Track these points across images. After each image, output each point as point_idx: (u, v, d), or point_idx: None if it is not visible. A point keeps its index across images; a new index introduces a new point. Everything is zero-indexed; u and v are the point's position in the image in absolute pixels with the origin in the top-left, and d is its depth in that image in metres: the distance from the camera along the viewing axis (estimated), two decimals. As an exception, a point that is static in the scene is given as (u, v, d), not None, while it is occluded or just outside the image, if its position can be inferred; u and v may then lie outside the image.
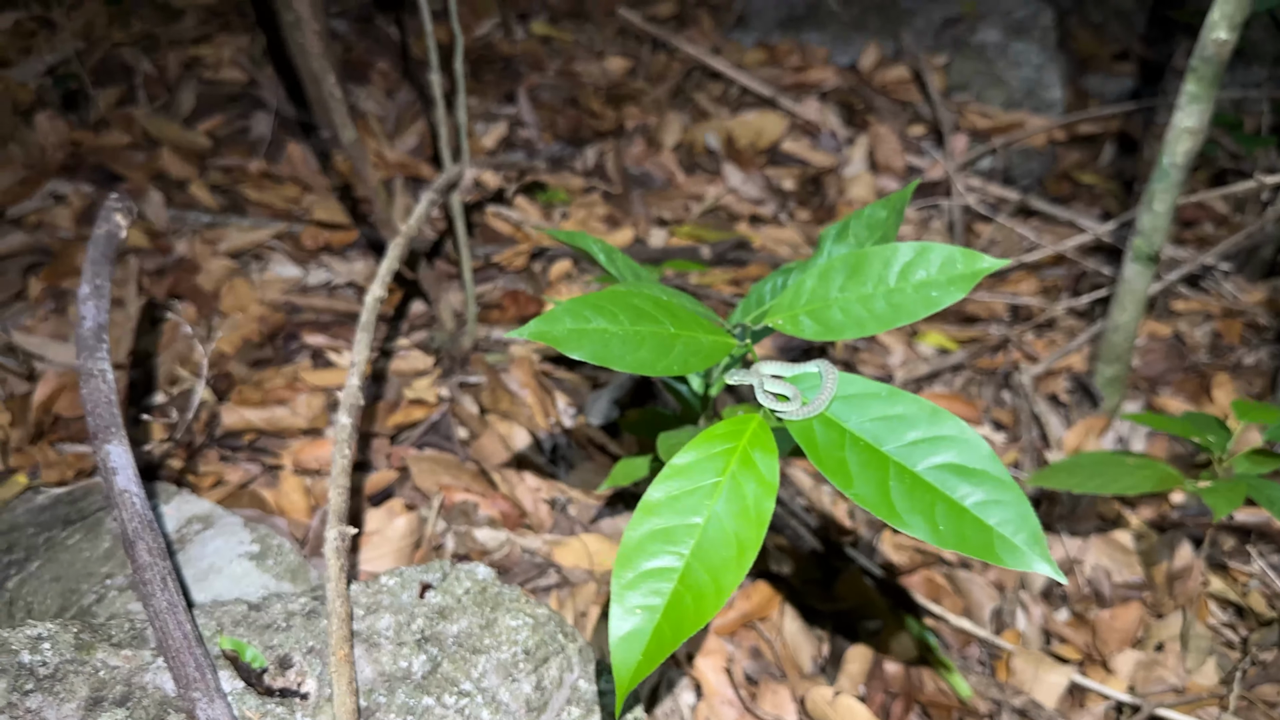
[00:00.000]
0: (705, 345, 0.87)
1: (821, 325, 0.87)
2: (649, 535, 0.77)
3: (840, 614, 1.37)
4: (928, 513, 0.77)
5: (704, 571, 0.76)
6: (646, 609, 0.75)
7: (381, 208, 1.53)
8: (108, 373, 0.94)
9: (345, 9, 2.74)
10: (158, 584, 0.81)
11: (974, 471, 0.78)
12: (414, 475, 1.50)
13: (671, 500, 0.79)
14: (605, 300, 0.83)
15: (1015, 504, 0.76)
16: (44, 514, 1.24)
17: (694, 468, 0.80)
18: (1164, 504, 1.53)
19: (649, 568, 0.76)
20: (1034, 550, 0.75)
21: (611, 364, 0.80)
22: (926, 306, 0.84)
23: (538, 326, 0.80)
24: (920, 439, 0.80)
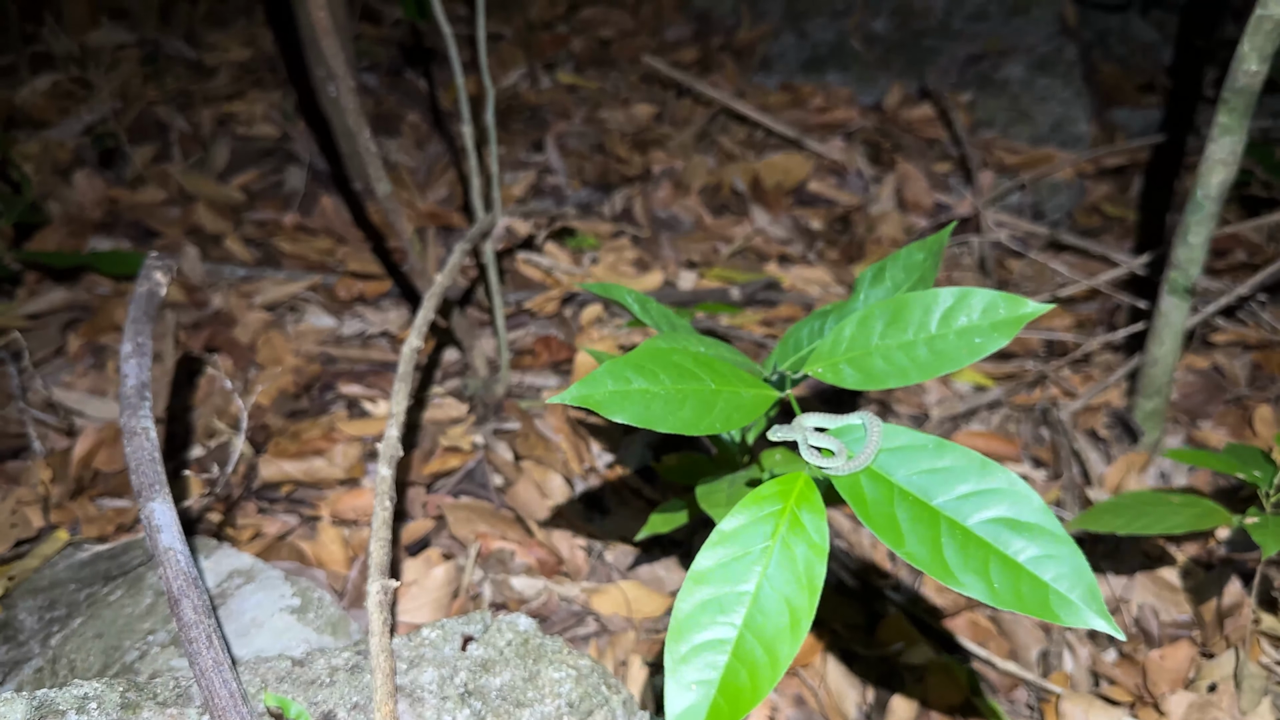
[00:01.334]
0: (747, 401, 0.86)
1: (863, 374, 0.86)
2: (700, 606, 0.76)
3: (884, 659, 1.35)
4: (982, 571, 0.75)
5: (757, 642, 0.74)
6: (702, 684, 0.73)
7: (415, 258, 1.55)
8: (150, 430, 0.95)
9: (375, 63, 2.79)
10: (203, 642, 0.82)
11: (1027, 525, 0.76)
12: (450, 524, 1.50)
13: (721, 568, 0.77)
14: (645, 359, 0.83)
15: (1070, 559, 0.75)
16: (85, 570, 1.25)
17: (742, 532, 0.79)
18: (1210, 539, 1.50)
19: (702, 640, 0.74)
20: (1091, 606, 0.73)
21: (654, 425, 0.80)
22: (970, 353, 0.82)
23: (580, 390, 0.79)
24: (970, 492, 0.78)
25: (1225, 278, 2.10)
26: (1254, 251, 2.18)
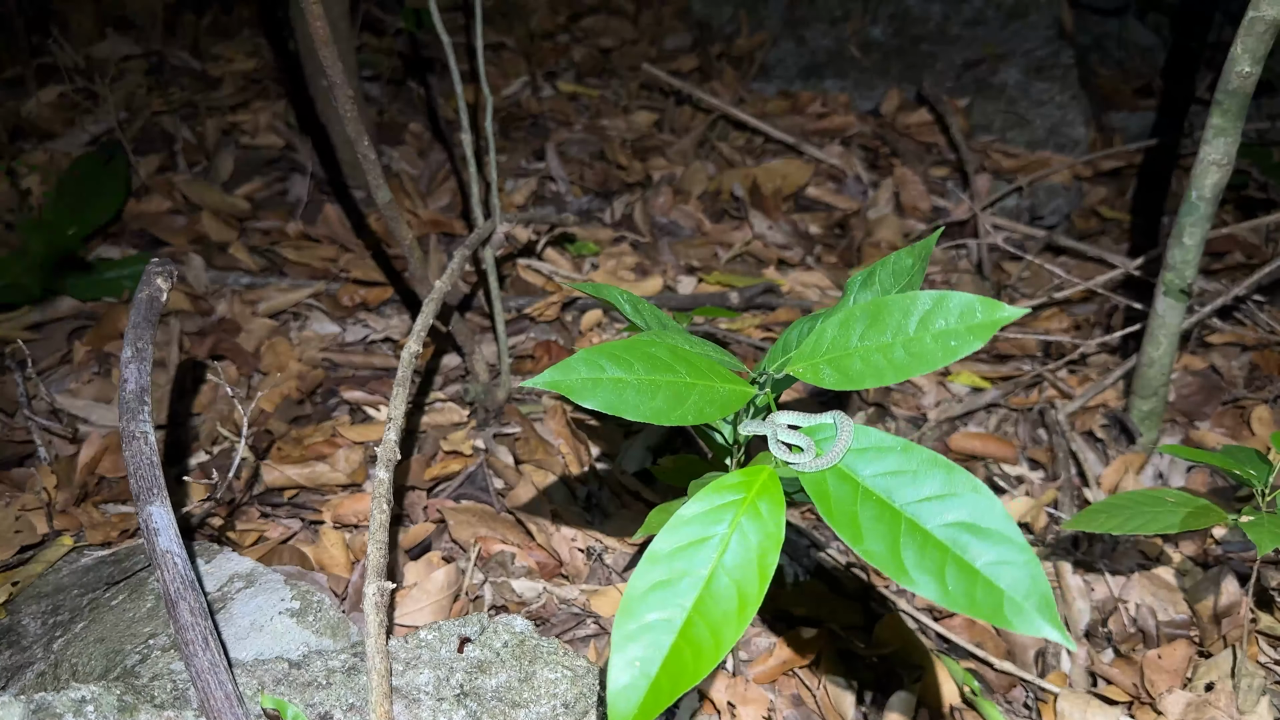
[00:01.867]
0: (722, 394, 0.87)
1: (841, 374, 0.87)
2: (652, 586, 0.77)
3: (881, 659, 1.36)
4: (938, 572, 0.76)
5: (704, 625, 0.75)
6: (645, 661, 0.74)
7: (416, 265, 1.56)
8: (150, 435, 0.96)
9: (377, 73, 2.81)
10: (199, 644, 0.83)
11: (987, 531, 0.77)
12: (451, 527, 1.51)
13: (677, 551, 0.79)
14: (621, 350, 0.84)
15: (1027, 566, 0.75)
16: (88, 575, 1.26)
17: (701, 518, 0.80)
18: (1207, 539, 1.51)
19: (650, 620, 0.76)
20: (1043, 615, 0.74)
21: (625, 413, 0.81)
22: (946, 355, 0.83)
23: (552, 376, 0.80)
24: (934, 495, 0.80)
25: (1222, 279, 2.11)
26: (1251, 253, 2.18)
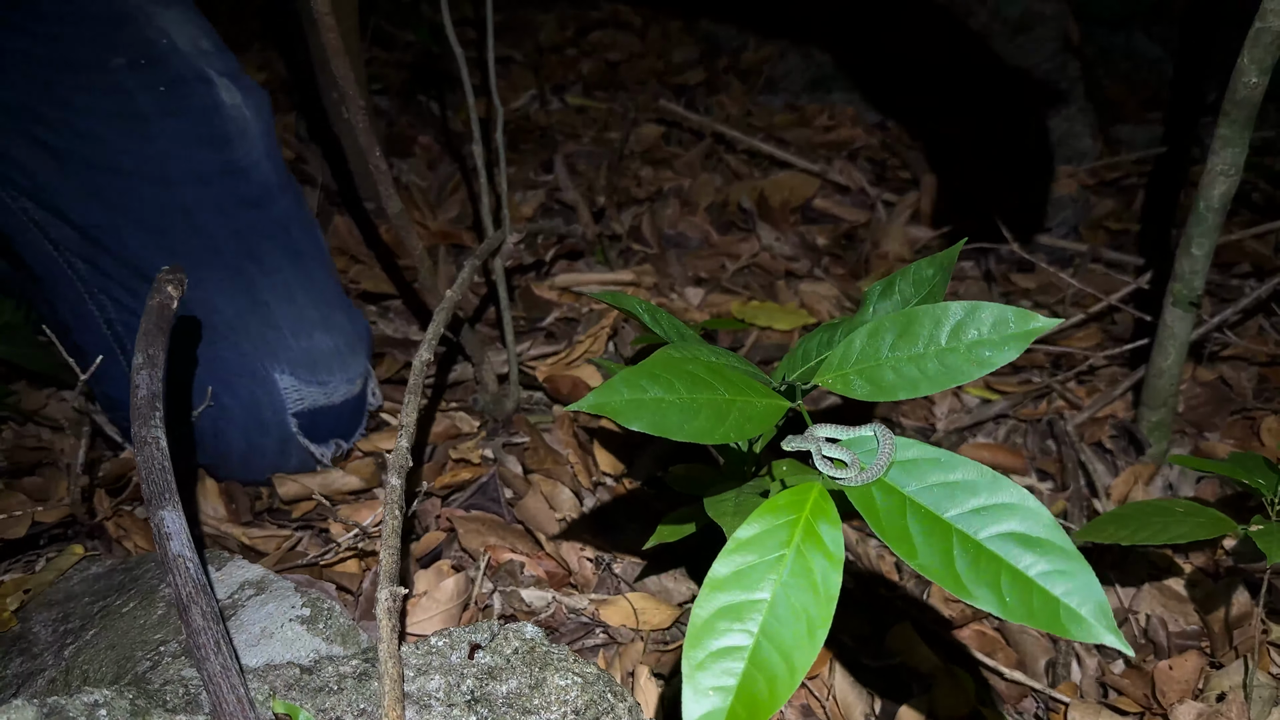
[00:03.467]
0: (760, 409, 0.87)
1: (873, 385, 0.87)
2: (717, 613, 0.76)
3: (891, 669, 1.36)
4: (994, 584, 0.76)
5: (774, 650, 0.74)
6: (719, 690, 0.73)
7: (425, 275, 1.57)
8: (161, 440, 0.97)
9: (387, 86, 2.83)
10: (211, 648, 0.83)
11: (1038, 541, 0.77)
12: (461, 536, 1.51)
13: (737, 575, 0.78)
14: (660, 368, 0.84)
15: (1080, 574, 0.75)
16: (100, 583, 1.27)
17: (758, 541, 0.79)
18: (1217, 550, 1.50)
19: (719, 647, 0.75)
20: (1100, 622, 0.74)
21: (670, 434, 0.81)
22: (980, 366, 0.83)
23: (597, 399, 0.80)
24: (981, 506, 0.79)
25: (1232, 290, 2.10)
26: (1261, 263, 2.18)
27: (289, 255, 1.50)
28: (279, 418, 1.48)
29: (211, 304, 1.43)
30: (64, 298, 1.48)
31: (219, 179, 1.44)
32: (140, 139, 1.39)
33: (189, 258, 1.40)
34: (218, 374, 1.44)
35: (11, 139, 1.36)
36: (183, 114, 1.41)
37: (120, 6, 1.39)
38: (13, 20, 1.34)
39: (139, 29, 1.40)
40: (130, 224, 1.40)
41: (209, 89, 1.43)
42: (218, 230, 1.44)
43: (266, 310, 1.46)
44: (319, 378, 1.50)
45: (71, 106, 1.36)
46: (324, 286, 1.55)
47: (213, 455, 1.53)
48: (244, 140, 1.45)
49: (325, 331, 1.51)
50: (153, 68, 1.39)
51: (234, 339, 1.44)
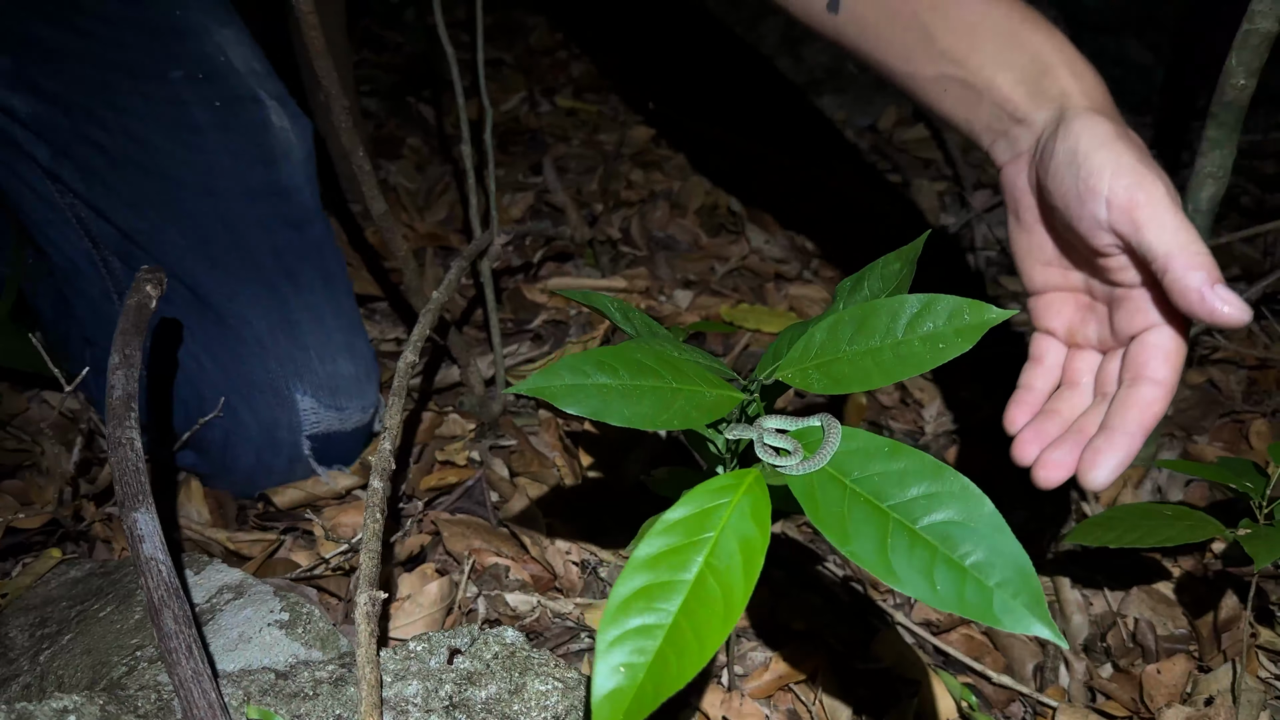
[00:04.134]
0: (709, 399, 0.86)
1: (830, 379, 0.86)
2: (637, 593, 0.75)
3: (878, 674, 1.35)
4: (926, 571, 0.74)
5: (690, 629, 0.74)
6: (630, 667, 0.72)
7: (411, 277, 1.56)
8: (136, 441, 0.96)
9: (376, 88, 2.82)
10: (183, 653, 0.82)
11: (975, 530, 0.75)
12: (446, 539, 1.50)
13: (661, 556, 0.77)
14: (608, 356, 0.83)
15: (1016, 563, 0.73)
16: (78, 587, 1.25)
17: (685, 523, 0.79)
18: (1206, 553, 1.49)
19: (635, 625, 0.74)
20: (1034, 613, 0.72)
21: (609, 419, 0.80)
22: (934, 358, 0.83)
23: (536, 381, 0.80)
24: (922, 495, 0.78)
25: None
26: (1250, 267, 2.18)
27: (322, 278, 1.53)
28: (294, 438, 1.50)
29: (244, 318, 1.46)
30: (85, 294, 1.51)
31: (264, 197, 1.48)
32: (192, 149, 1.43)
33: (228, 269, 1.45)
34: (240, 388, 1.47)
35: (69, 137, 1.39)
36: (234, 130, 1.45)
37: (181, 21, 1.44)
38: (77, 24, 1.38)
39: (199, 44, 1.45)
40: (174, 231, 1.43)
41: (261, 109, 1.48)
42: (259, 246, 1.47)
43: (297, 330, 1.49)
44: (338, 403, 1.52)
45: (129, 111, 1.40)
46: (350, 313, 1.58)
47: (216, 466, 1.53)
48: (288, 162, 1.50)
49: (349, 357, 1.54)
50: (209, 82, 1.44)
51: (262, 355, 1.46)
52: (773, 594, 1.43)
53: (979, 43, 1.04)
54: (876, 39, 1.12)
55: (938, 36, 1.05)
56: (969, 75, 1.04)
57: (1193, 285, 0.83)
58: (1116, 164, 0.89)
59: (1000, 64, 1.02)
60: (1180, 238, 0.86)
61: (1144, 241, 0.87)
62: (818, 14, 1.16)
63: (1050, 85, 1.00)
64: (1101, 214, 0.90)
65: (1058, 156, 0.94)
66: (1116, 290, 0.98)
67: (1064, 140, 0.94)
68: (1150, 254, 0.86)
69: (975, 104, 1.06)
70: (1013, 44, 1.02)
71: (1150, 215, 0.87)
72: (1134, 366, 0.94)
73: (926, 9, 1.06)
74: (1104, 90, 1.03)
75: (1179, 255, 0.84)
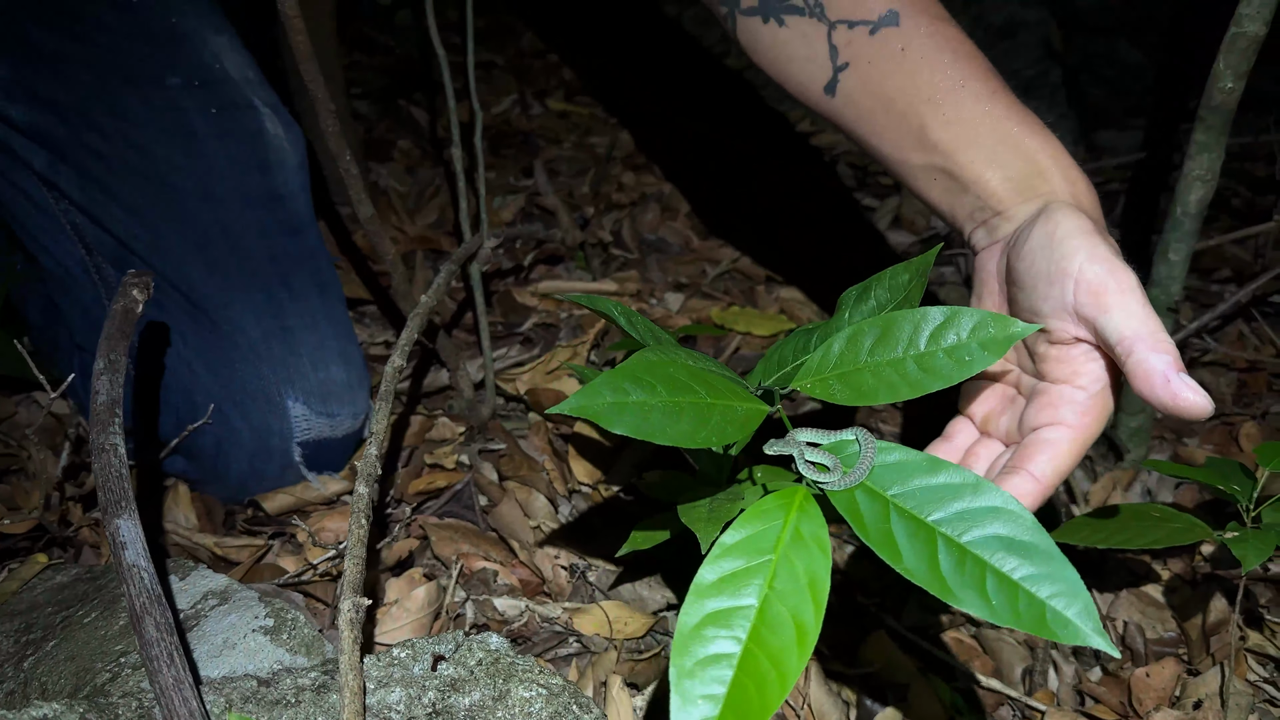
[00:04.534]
0: (741, 414, 0.85)
1: (852, 390, 0.86)
2: (705, 619, 0.74)
3: (867, 677, 1.34)
4: (979, 587, 0.74)
5: (764, 656, 0.72)
6: (709, 698, 0.71)
7: (399, 280, 1.55)
8: (120, 447, 0.95)
9: (367, 90, 2.81)
10: (164, 660, 0.81)
11: (1021, 544, 0.76)
12: (433, 544, 1.49)
13: (724, 581, 0.76)
14: (642, 371, 0.82)
15: (1066, 577, 0.74)
16: (63, 592, 1.25)
17: (744, 545, 0.78)
18: (1195, 556, 1.49)
19: (707, 654, 0.73)
20: (1087, 624, 0.72)
21: (653, 438, 0.79)
22: (960, 371, 0.82)
23: (579, 401, 0.78)
24: (964, 510, 0.78)
25: (1212, 295, 2.10)
26: (1241, 268, 2.18)
27: (317, 285, 1.55)
28: (285, 445, 1.50)
29: (239, 323, 1.46)
30: (77, 301, 1.52)
31: (261, 203, 1.49)
32: (190, 155, 1.44)
33: (225, 275, 1.46)
34: (233, 395, 1.47)
35: (66, 144, 1.41)
36: (231, 136, 1.47)
37: (178, 29, 1.46)
38: (75, 30, 1.39)
39: (195, 51, 1.47)
40: (172, 236, 1.44)
41: (256, 116, 1.50)
42: (256, 251, 1.48)
43: (291, 336, 1.49)
44: (329, 410, 1.52)
45: (127, 118, 1.41)
46: (343, 320, 1.59)
47: (208, 473, 1.53)
48: (283, 169, 1.52)
49: (341, 364, 1.54)
50: (206, 89, 1.46)
51: (255, 361, 1.46)
52: (762, 598, 1.43)
53: (973, 139, 1.04)
54: (871, 124, 1.13)
55: (931, 129, 1.06)
56: (958, 169, 1.05)
57: (1157, 368, 0.82)
58: (1091, 251, 0.89)
59: (991, 162, 1.03)
60: (1149, 324, 0.85)
61: (1110, 324, 0.86)
62: (814, 96, 1.18)
63: (1041, 185, 1.01)
64: (1069, 296, 0.89)
65: (1033, 239, 0.94)
66: (1040, 384, 0.97)
67: (1043, 225, 0.94)
68: (1116, 336, 0.85)
69: (960, 195, 1.06)
70: (1007, 144, 1.03)
71: (1119, 301, 0.86)
72: (1020, 458, 0.93)
73: (924, 101, 1.07)
74: (1094, 198, 1.03)
75: (1146, 339, 0.84)
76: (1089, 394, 0.91)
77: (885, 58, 1.10)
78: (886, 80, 1.10)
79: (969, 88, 1.06)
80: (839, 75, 1.14)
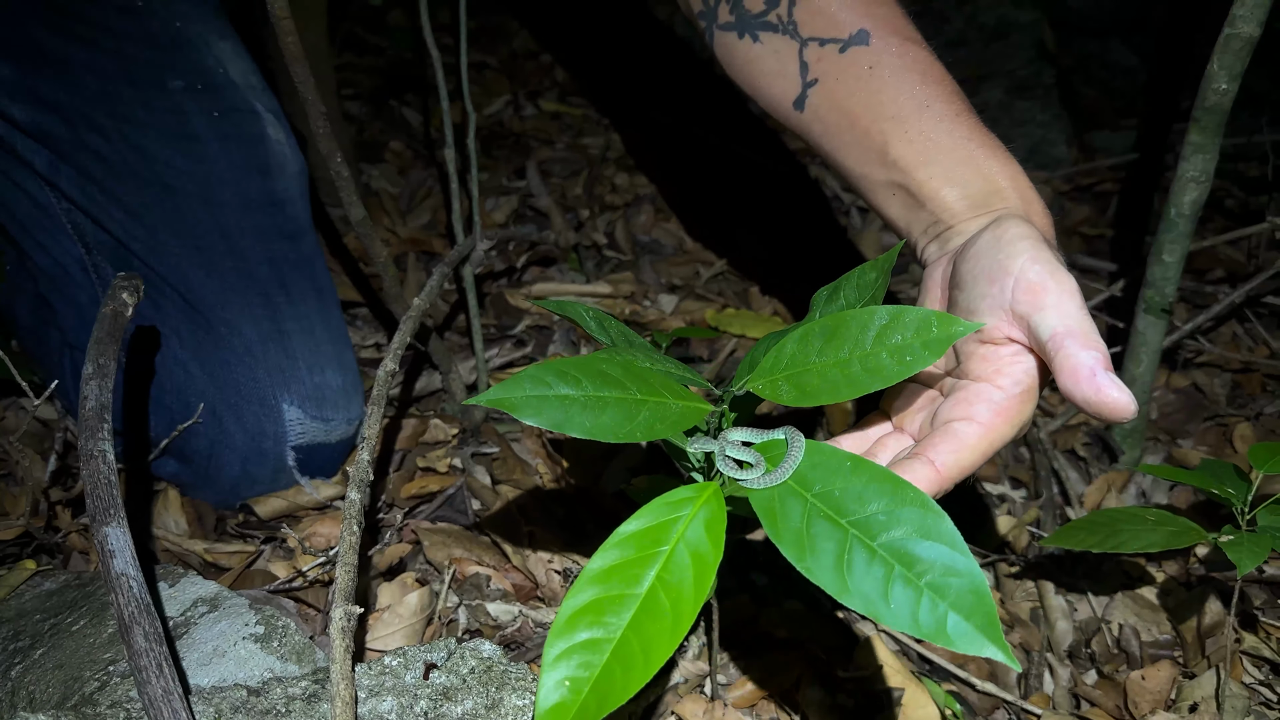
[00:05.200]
0: (674, 411, 0.85)
1: (799, 390, 0.85)
2: (587, 605, 0.75)
3: (861, 682, 1.34)
4: (882, 590, 0.73)
5: (638, 643, 0.73)
6: (575, 681, 0.71)
7: (390, 283, 1.54)
8: (108, 453, 0.94)
9: (359, 92, 2.80)
10: (153, 670, 0.80)
11: (934, 547, 0.74)
12: (426, 548, 1.48)
13: (613, 569, 0.76)
14: (570, 366, 0.82)
15: (971, 584, 0.72)
16: (52, 599, 1.23)
17: (640, 536, 0.78)
18: (1190, 558, 1.49)
19: (583, 639, 0.73)
20: (986, 634, 0.71)
21: (571, 430, 0.79)
22: (901, 370, 0.82)
23: (496, 393, 0.78)
24: (880, 510, 0.77)
25: (1206, 296, 2.10)
26: (1235, 269, 2.18)
27: (314, 290, 1.55)
28: (279, 449, 1.49)
29: (236, 326, 1.46)
30: (73, 300, 1.52)
31: (261, 207, 1.50)
32: (192, 159, 1.45)
33: (224, 278, 1.46)
34: (228, 398, 1.47)
35: (68, 145, 1.41)
36: (233, 140, 1.48)
37: (181, 33, 1.47)
38: (81, 33, 1.40)
39: (199, 56, 1.47)
40: (171, 238, 1.44)
41: (258, 121, 1.51)
42: (255, 255, 1.49)
43: (288, 340, 1.49)
44: (324, 414, 1.51)
45: (129, 120, 1.42)
46: (338, 325, 1.59)
47: (200, 476, 1.52)
48: (284, 175, 1.53)
49: (337, 369, 1.55)
50: (208, 94, 1.47)
51: (250, 364, 1.46)
52: (755, 601, 1.43)
53: (933, 157, 1.06)
54: (836, 139, 1.15)
55: (893, 145, 1.08)
56: (916, 186, 1.06)
57: (1085, 363, 0.81)
58: (1035, 254, 0.89)
59: (949, 180, 1.04)
60: (1083, 324, 0.84)
61: (1044, 321, 0.85)
62: (784, 110, 1.20)
63: (996, 202, 1.02)
64: (1007, 293, 0.88)
65: (980, 242, 0.94)
66: (960, 381, 0.96)
67: (992, 230, 0.94)
68: (1048, 332, 0.84)
69: (917, 210, 1.08)
70: (967, 164, 1.04)
71: (1056, 300, 0.85)
72: (924, 445, 0.92)
73: (888, 119, 1.08)
74: (1049, 220, 1.04)
75: (1078, 336, 0.83)
76: (1007, 395, 0.90)
77: (853, 75, 1.11)
78: (852, 97, 1.11)
79: (933, 108, 1.07)
80: (808, 91, 1.16)
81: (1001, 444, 0.91)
